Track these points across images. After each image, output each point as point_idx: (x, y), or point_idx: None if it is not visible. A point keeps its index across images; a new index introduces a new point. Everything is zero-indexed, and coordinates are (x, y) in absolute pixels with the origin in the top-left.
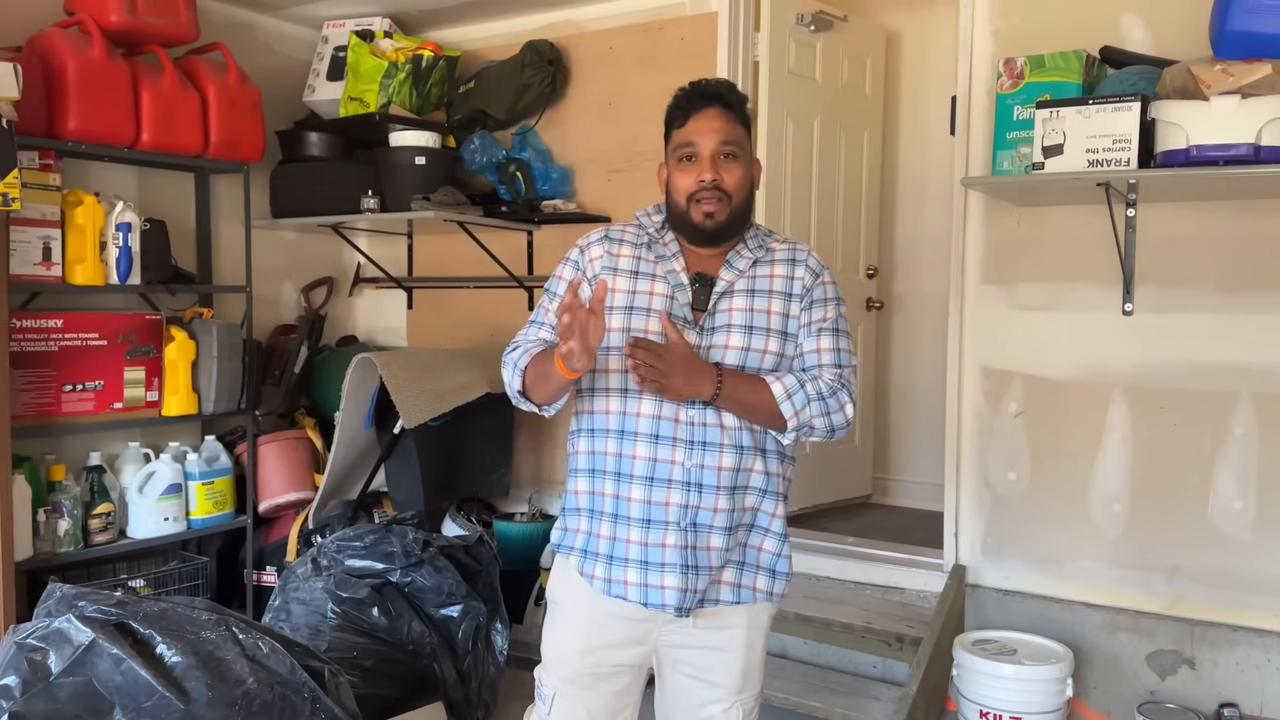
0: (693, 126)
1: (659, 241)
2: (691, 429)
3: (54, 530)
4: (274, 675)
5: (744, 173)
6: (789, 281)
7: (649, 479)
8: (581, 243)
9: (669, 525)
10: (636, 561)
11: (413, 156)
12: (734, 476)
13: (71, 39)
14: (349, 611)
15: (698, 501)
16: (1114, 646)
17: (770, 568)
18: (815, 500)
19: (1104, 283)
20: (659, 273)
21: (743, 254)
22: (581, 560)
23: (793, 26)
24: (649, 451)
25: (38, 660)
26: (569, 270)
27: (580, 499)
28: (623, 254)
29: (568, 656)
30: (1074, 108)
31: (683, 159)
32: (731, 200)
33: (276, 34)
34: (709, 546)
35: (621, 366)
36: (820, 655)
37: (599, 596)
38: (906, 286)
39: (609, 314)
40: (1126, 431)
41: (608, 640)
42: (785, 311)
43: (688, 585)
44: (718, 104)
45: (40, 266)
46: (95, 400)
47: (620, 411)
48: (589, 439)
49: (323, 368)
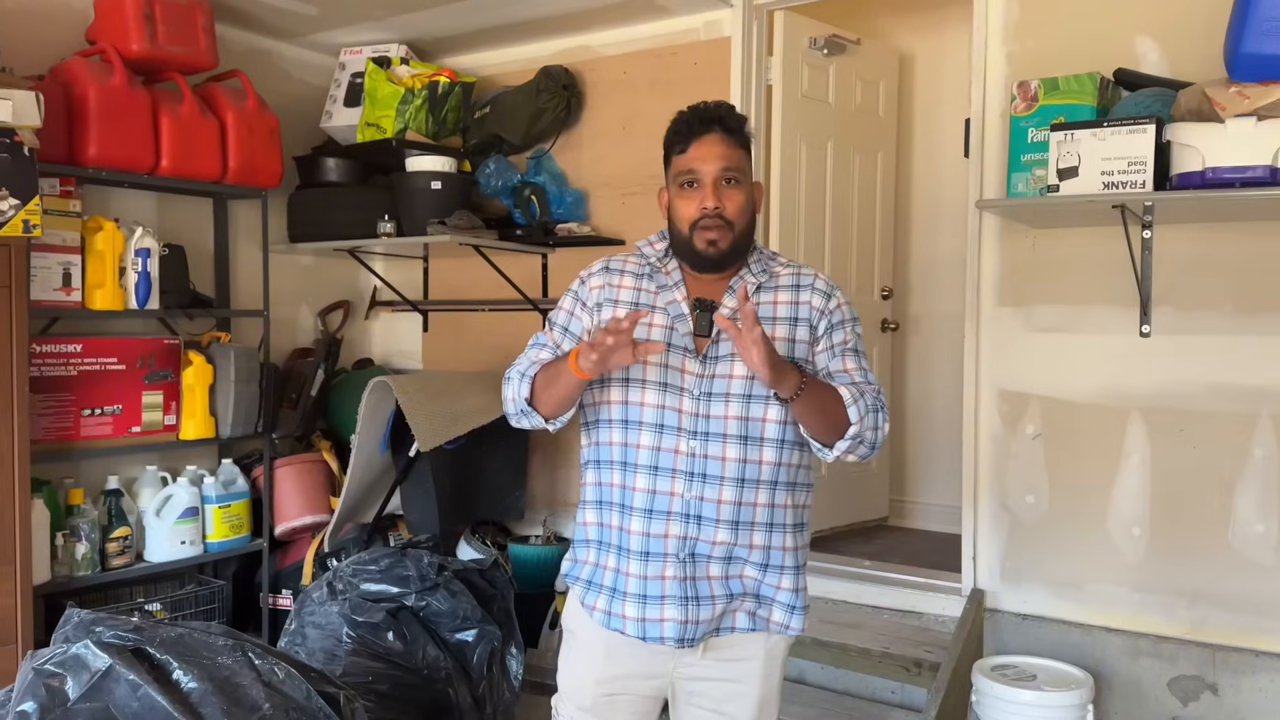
0: (694, 153)
1: (660, 270)
2: (691, 460)
3: (72, 554)
4: (290, 701)
5: (746, 198)
6: (794, 307)
7: (648, 511)
8: (583, 274)
9: (667, 557)
10: (635, 595)
11: (429, 181)
12: (735, 510)
13: (93, 68)
14: (364, 636)
15: (696, 533)
16: (1135, 672)
17: (788, 604)
18: (831, 523)
19: (1121, 304)
20: (659, 304)
21: (746, 279)
22: (584, 591)
23: (805, 50)
24: (648, 483)
25: (55, 686)
26: (569, 300)
27: (589, 530)
28: (623, 285)
29: (583, 685)
30: (1089, 130)
31: (684, 185)
32: (734, 227)
33: (295, 61)
34: (708, 576)
35: (623, 398)
36: (838, 680)
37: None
38: (922, 308)
39: None
40: (1145, 454)
41: (621, 670)
42: (790, 337)
43: (688, 617)
44: (718, 128)
45: (60, 292)
46: (114, 424)
47: (622, 443)
48: (595, 470)
49: (339, 391)
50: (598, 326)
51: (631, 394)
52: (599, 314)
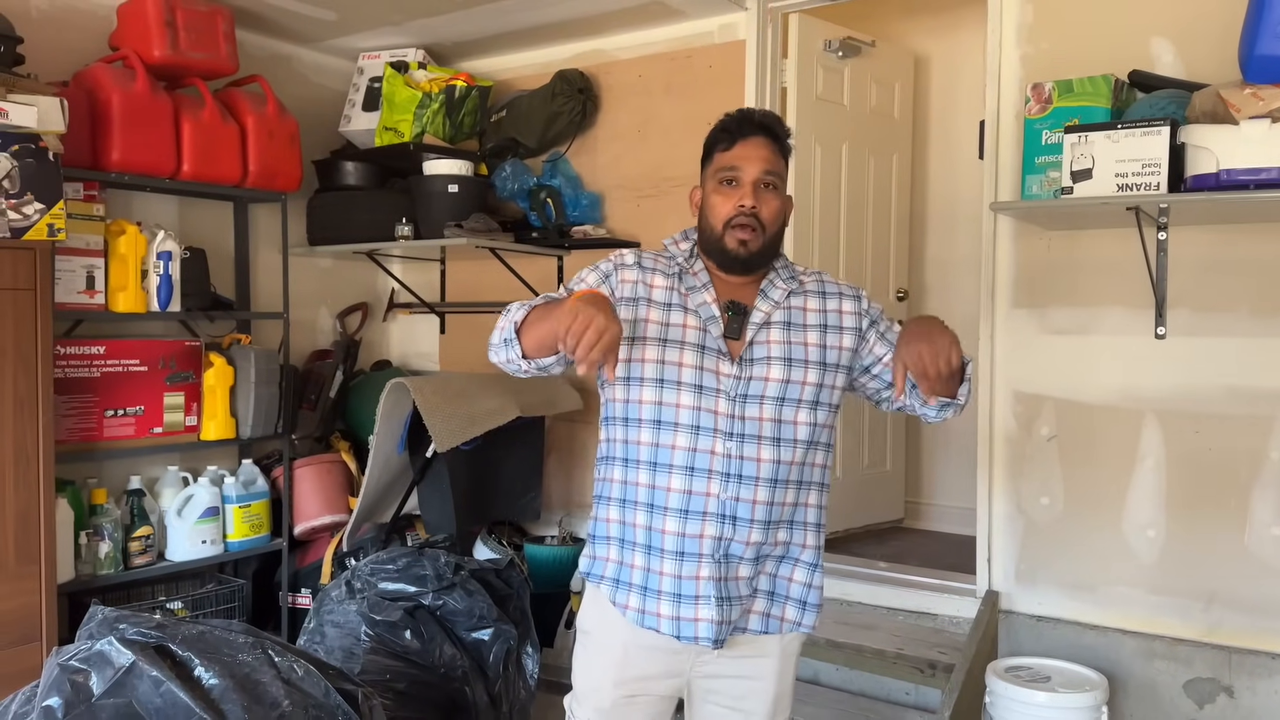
0: (739, 151)
1: (688, 271)
2: (728, 461)
3: (95, 553)
4: (309, 698)
5: (780, 205)
6: (823, 315)
7: (684, 511)
8: (616, 260)
9: (702, 558)
10: (670, 594)
11: (446, 185)
12: (768, 510)
13: (116, 73)
14: (382, 634)
15: (731, 534)
16: (1150, 674)
17: (801, 599)
18: (847, 525)
19: (1136, 306)
20: (690, 305)
21: (777, 284)
22: (614, 590)
23: (820, 53)
24: (684, 484)
25: (80, 682)
26: (594, 278)
27: (611, 527)
28: (656, 284)
29: (601, 686)
30: (1103, 132)
31: (723, 182)
32: (766, 231)
33: (314, 66)
34: (738, 576)
35: (657, 398)
36: (852, 682)
37: (633, 627)
38: (937, 309)
39: (642, 345)
40: (1161, 456)
41: (641, 672)
42: (822, 343)
43: (723, 617)
44: (765, 134)
45: (84, 295)
46: (136, 425)
47: (653, 443)
48: (622, 468)
49: (357, 392)
50: (632, 322)
51: (666, 395)
52: (635, 309)
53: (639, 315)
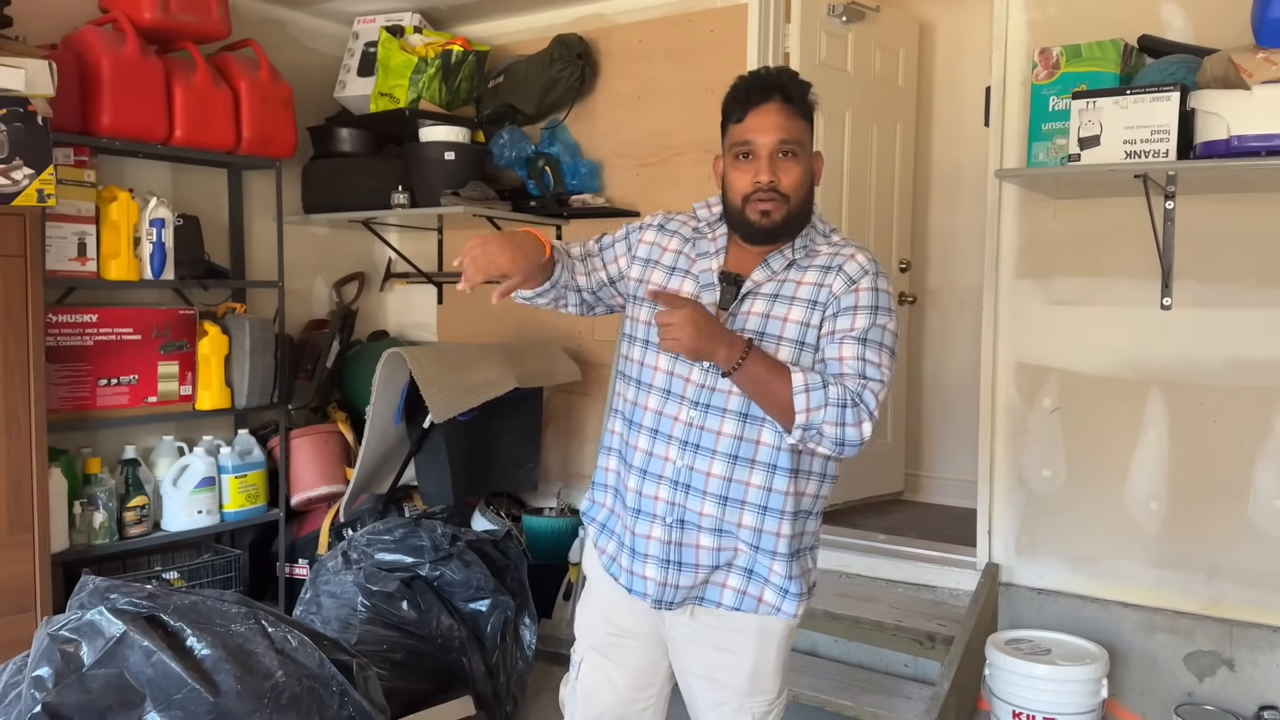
0: (750, 123)
1: (707, 236)
2: (688, 430)
3: (89, 523)
4: (303, 669)
5: (803, 171)
6: (817, 289)
7: (643, 471)
8: (643, 222)
9: (655, 519)
10: (628, 548)
11: (442, 152)
12: (725, 486)
13: (106, 36)
14: (378, 605)
15: (684, 501)
16: (1151, 647)
17: (782, 587)
18: (846, 497)
19: (1142, 277)
20: (694, 270)
21: (783, 254)
22: (598, 533)
23: (824, 18)
24: (647, 445)
25: (70, 652)
26: (619, 234)
27: (608, 475)
28: (670, 248)
29: (593, 623)
30: (1111, 98)
31: (739, 156)
32: (789, 201)
33: (308, 30)
34: (697, 544)
35: (640, 358)
36: (850, 653)
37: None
38: (940, 280)
39: (642, 305)
40: (1164, 428)
41: (624, 617)
42: (805, 321)
43: (668, 580)
44: (778, 97)
45: (76, 262)
46: (130, 394)
47: (633, 401)
48: (618, 420)
49: (354, 362)
50: (640, 282)
51: (648, 356)
52: (645, 269)
53: (644, 276)
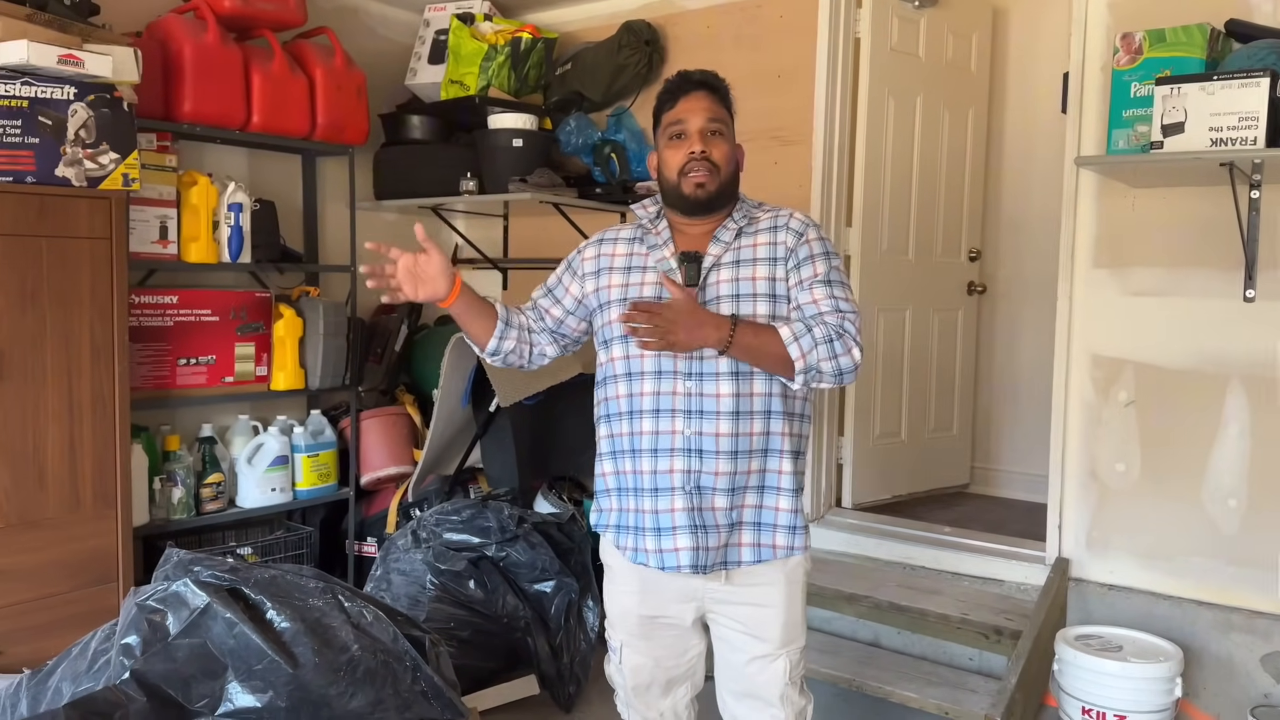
0: (682, 107)
1: (651, 232)
2: (689, 399)
3: (168, 498)
4: (377, 643)
5: (730, 149)
6: (772, 247)
7: (654, 450)
8: (579, 247)
9: (675, 491)
10: (651, 530)
11: (510, 139)
12: (733, 441)
13: (187, 24)
14: (447, 583)
15: (699, 466)
16: (1226, 647)
17: (789, 525)
18: (910, 488)
19: (1224, 268)
20: (650, 263)
21: (729, 227)
22: (616, 535)
23: (896, 3)
24: (653, 426)
25: (157, 621)
26: (561, 267)
27: (608, 479)
28: (617, 253)
29: (626, 613)
30: (1197, 84)
31: (673, 137)
32: (720, 172)
33: (380, 18)
34: (714, 507)
35: (625, 353)
36: (913, 645)
37: (634, 565)
38: (1011, 270)
39: (608, 307)
40: (1245, 424)
41: (658, 599)
42: (771, 276)
43: (699, 544)
44: (704, 89)
45: (157, 244)
46: (208, 374)
47: (628, 394)
48: (607, 423)
49: (422, 346)
50: (596, 291)
51: (631, 348)
52: (597, 280)
53: (601, 284)
